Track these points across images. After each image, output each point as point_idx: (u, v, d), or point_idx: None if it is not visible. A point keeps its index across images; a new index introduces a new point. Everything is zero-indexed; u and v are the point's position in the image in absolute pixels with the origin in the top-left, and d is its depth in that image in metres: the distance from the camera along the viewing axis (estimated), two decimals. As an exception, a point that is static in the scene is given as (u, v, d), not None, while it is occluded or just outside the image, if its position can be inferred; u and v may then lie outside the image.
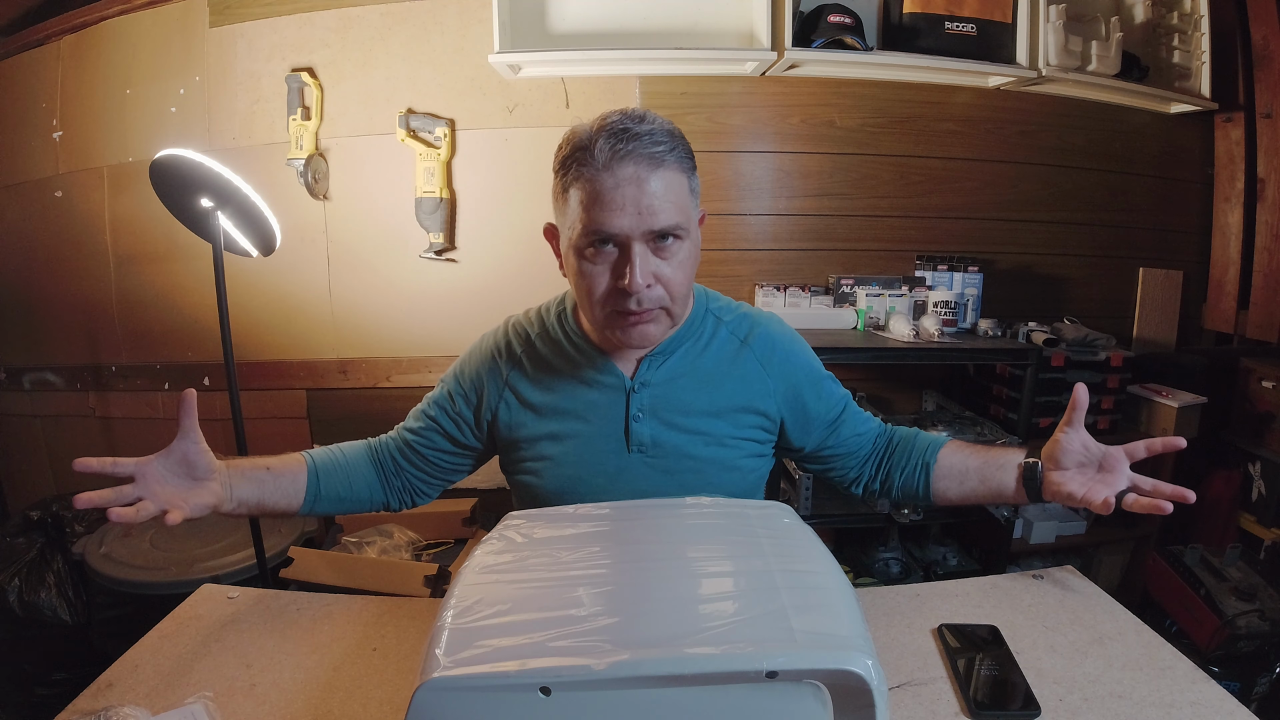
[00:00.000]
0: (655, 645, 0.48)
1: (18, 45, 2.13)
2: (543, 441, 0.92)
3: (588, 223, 0.77)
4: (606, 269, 0.80)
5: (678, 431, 0.90)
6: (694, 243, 0.84)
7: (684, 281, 0.82)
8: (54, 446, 2.30)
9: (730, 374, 0.92)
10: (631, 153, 0.76)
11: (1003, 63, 1.94)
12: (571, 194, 0.79)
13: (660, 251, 0.79)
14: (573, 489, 0.91)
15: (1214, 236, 2.32)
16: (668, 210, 0.77)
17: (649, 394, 0.90)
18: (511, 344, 0.95)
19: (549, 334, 0.94)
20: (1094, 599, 0.90)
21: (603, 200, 0.76)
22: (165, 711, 0.68)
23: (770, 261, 2.08)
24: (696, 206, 0.85)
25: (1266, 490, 1.97)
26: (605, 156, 0.76)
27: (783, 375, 0.94)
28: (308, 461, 0.92)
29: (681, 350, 0.91)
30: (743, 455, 0.93)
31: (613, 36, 1.89)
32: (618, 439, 0.90)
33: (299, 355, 2.12)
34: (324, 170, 2.01)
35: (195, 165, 1.44)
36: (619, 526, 0.67)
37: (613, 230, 0.77)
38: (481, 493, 1.99)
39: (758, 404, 0.93)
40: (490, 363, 0.95)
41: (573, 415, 0.91)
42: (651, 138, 0.77)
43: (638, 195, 0.76)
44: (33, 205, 2.18)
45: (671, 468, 0.90)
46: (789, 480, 1.82)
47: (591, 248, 0.79)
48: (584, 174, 0.77)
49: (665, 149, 0.78)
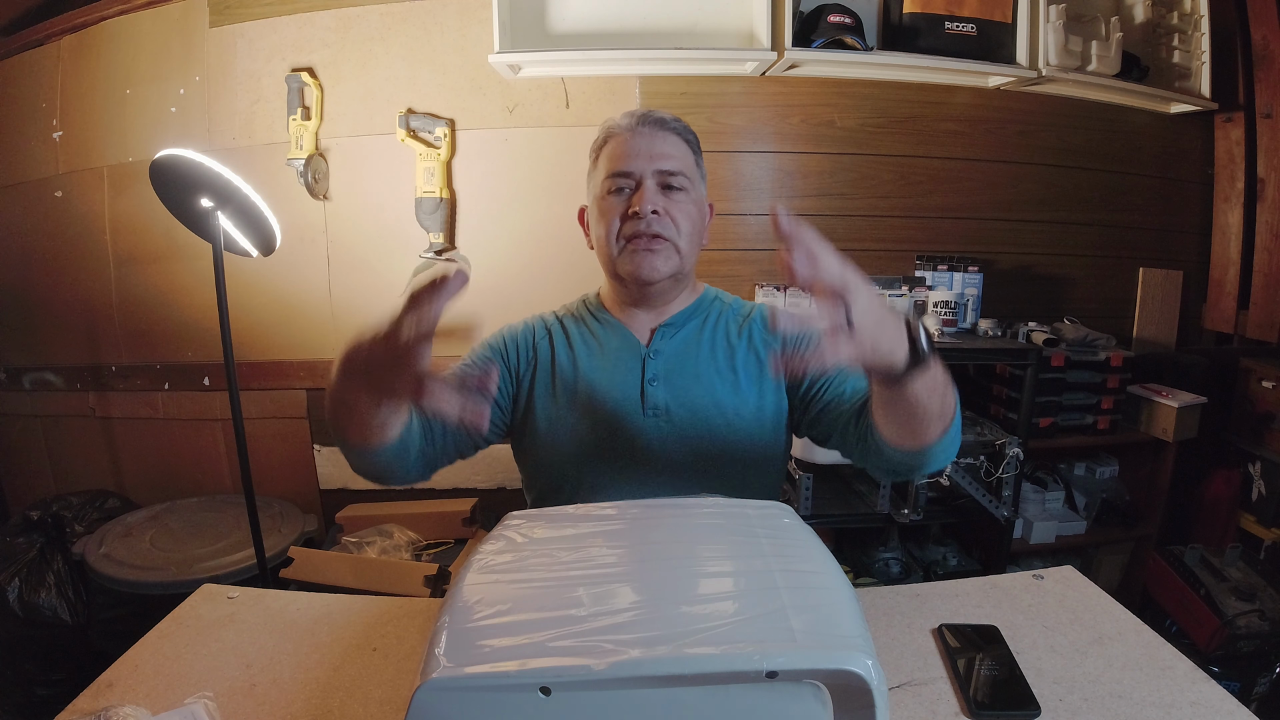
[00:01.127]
0: (655, 645, 0.48)
1: (18, 45, 2.14)
2: (562, 405, 0.96)
3: (610, 168, 0.95)
4: (623, 202, 0.94)
5: (690, 395, 0.95)
6: (697, 204, 0.98)
7: (688, 222, 0.95)
8: (54, 446, 2.30)
9: (739, 345, 1.00)
10: (647, 117, 0.97)
11: (1003, 63, 1.94)
12: (601, 156, 0.97)
13: (668, 195, 0.94)
14: (591, 453, 0.94)
15: (1214, 236, 2.32)
16: (674, 160, 0.95)
17: (663, 360, 0.97)
18: (544, 319, 1.05)
19: (574, 313, 1.06)
20: (1094, 599, 0.90)
21: (623, 149, 0.95)
22: (165, 711, 0.68)
23: (770, 261, 2.08)
24: (703, 183, 1.01)
25: (1266, 490, 1.97)
26: (628, 122, 0.97)
27: (780, 333, 0.92)
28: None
29: (692, 324, 1.01)
30: (755, 419, 0.96)
31: (613, 36, 1.89)
32: (634, 402, 0.95)
33: (299, 355, 2.12)
34: (324, 170, 2.01)
35: (195, 165, 1.44)
36: (619, 526, 0.67)
37: (628, 168, 0.93)
38: (481, 493, 1.99)
39: (766, 369, 0.99)
40: (521, 335, 1.02)
41: (591, 381, 0.97)
42: (664, 116, 0.97)
43: (650, 143, 0.94)
44: (33, 205, 2.18)
45: (686, 432, 0.94)
46: (789, 480, 1.82)
47: (612, 191, 0.95)
48: (611, 135, 0.97)
49: (674, 123, 0.98)
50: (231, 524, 1.94)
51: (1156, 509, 2.06)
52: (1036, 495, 2.03)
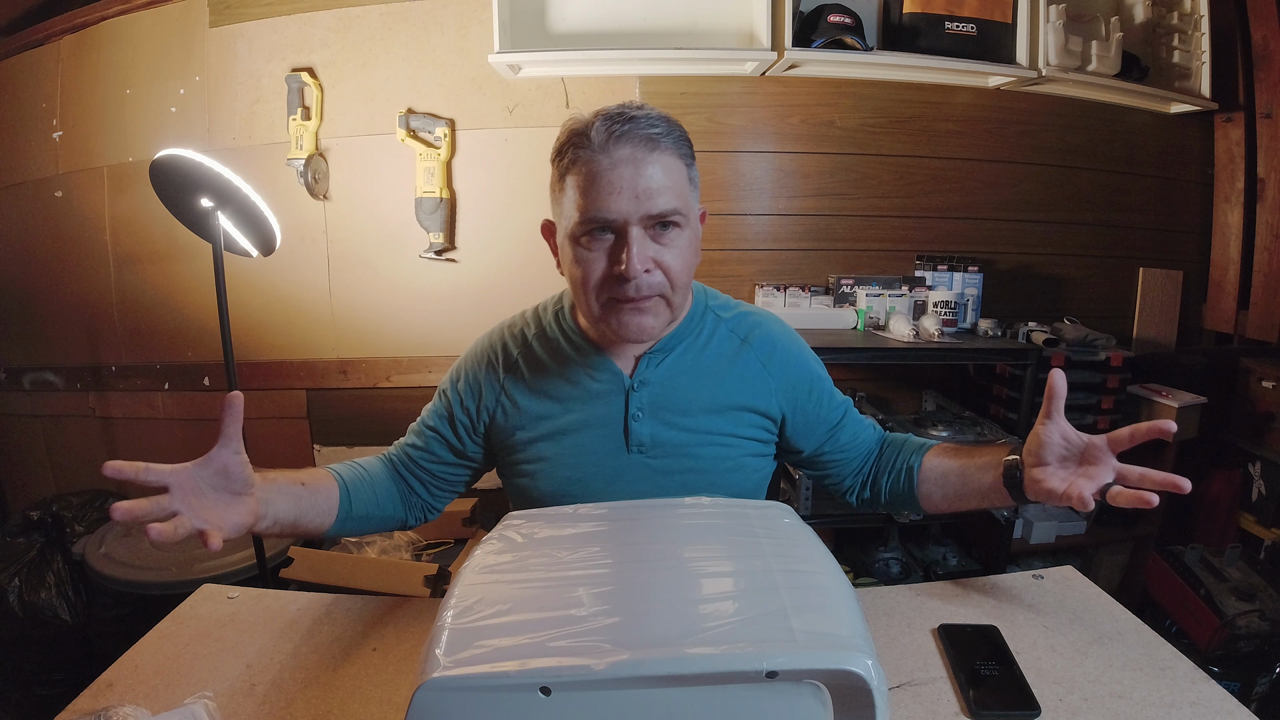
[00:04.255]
0: (655, 645, 0.48)
1: (18, 45, 2.14)
2: (540, 443, 0.90)
3: (585, 208, 0.77)
4: (603, 255, 0.78)
5: (677, 430, 0.89)
6: (694, 233, 0.83)
7: (683, 270, 0.81)
8: (54, 446, 2.31)
9: (730, 372, 0.91)
10: (628, 133, 0.76)
11: (1003, 63, 1.94)
12: (569, 181, 0.79)
13: (659, 238, 0.79)
14: (570, 491, 0.89)
15: (1214, 236, 2.32)
16: (665, 195, 0.77)
17: (648, 392, 0.89)
18: (508, 346, 0.94)
19: (546, 334, 0.93)
20: (1094, 599, 0.90)
21: (599, 183, 0.76)
22: (165, 711, 0.68)
23: (770, 261, 2.08)
24: (696, 198, 0.85)
25: (1266, 490, 1.97)
26: (601, 138, 0.76)
27: (783, 374, 0.93)
28: (336, 478, 0.88)
29: (681, 348, 0.90)
30: (744, 454, 0.92)
31: (613, 36, 1.89)
32: (617, 439, 0.89)
33: (299, 355, 2.12)
34: (324, 170, 2.01)
35: (195, 165, 1.44)
36: (619, 526, 0.67)
37: (610, 215, 0.76)
38: (481, 493, 1.98)
39: (758, 403, 0.91)
40: (486, 367, 0.93)
41: (570, 416, 0.89)
42: (648, 121, 0.77)
43: (634, 177, 0.75)
44: (33, 205, 2.18)
45: (671, 468, 0.89)
46: (789, 480, 1.82)
47: (588, 235, 0.78)
48: (580, 157, 0.77)
49: (661, 132, 0.78)
50: (231, 524, 1.94)
51: (1156, 509, 2.05)
52: (1036, 495, 2.03)
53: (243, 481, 0.71)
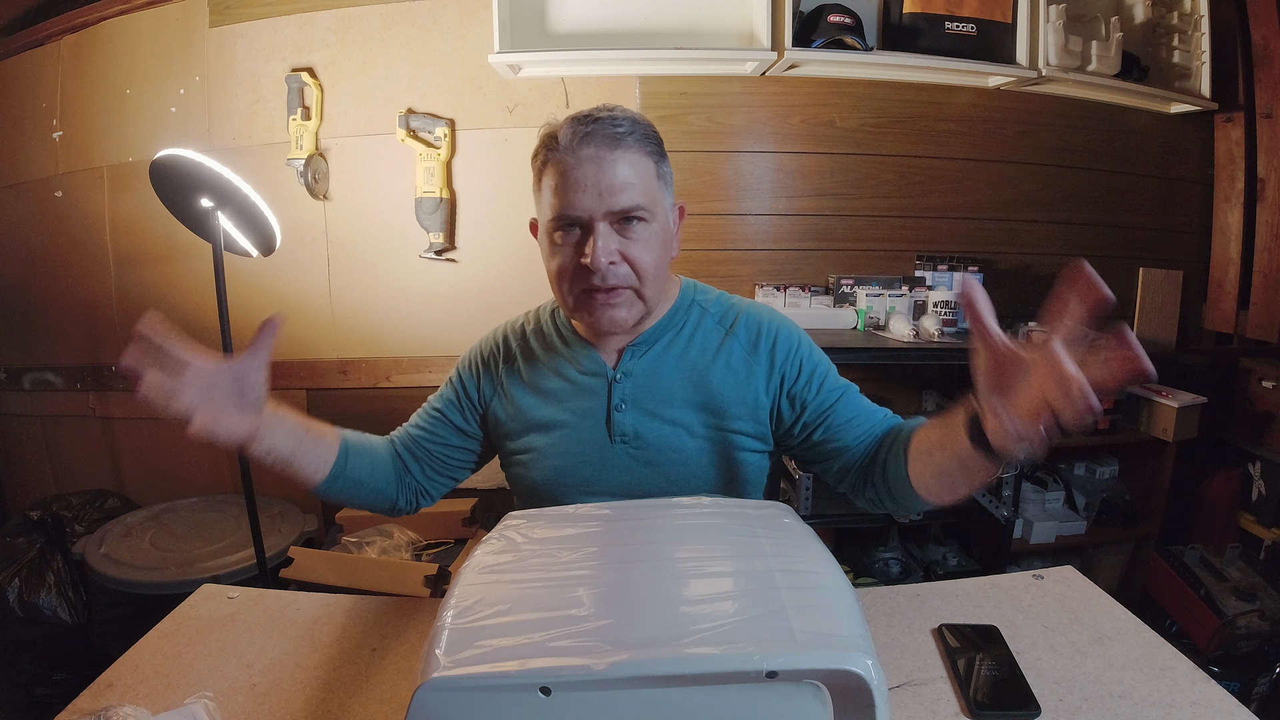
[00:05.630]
0: (655, 645, 0.48)
1: (18, 45, 2.13)
2: (531, 433, 0.93)
3: (556, 206, 0.81)
4: (572, 248, 0.83)
5: (660, 422, 0.89)
6: (663, 227, 0.86)
7: (652, 263, 0.84)
8: (54, 446, 2.30)
9: (715, 363, 0.91)
10: (592, 133, 0.80)
11: (1003, 63, 1.94)
12: (544, 181, 0.84)
13: (624, 232, 0.82)
14: (561, 480, 0.91)
15: (1214, 236, 2.32)
16: (629, 191, 0.80)
17: (631, 384, 0.90)
18: (508, 339, 0.99)
19: (541, 329, 0.98)
20: (1094, 599, 0.90)
21: (567, 181, 0.80)
22: (165, 711, 0.68)
23: (770, 261, 2.08)
24: (668, 194, 0.88)
25: (1266, 490, 1.97)
26: (569, 139, 0.80)
27: (769, 357, 0.91)
28: (339, 436, 0.91)
29: (664, 340, 0.92)
30: (732, 447, 0.91)
31: (612, 36, 1.89)
32: (600, 430, 0.90)
33: (299, 355, 2.12)
34: (324, 170, 2.01)
35: (195, 165, 1.44)
36: (619, 526, 0.67)
37: (576, 211, 0.80)
38: (481, 493, 1.99)
39: (745, 393, 0.90)
40: (489, 358, 0.98)
41: (558, 406, 0.92)
42: (613, 121, 0.81)
43: (597, 174, 0.79)
44: (33, 205, 2.18)
45: (655, 459, 0.89)
46: (789, 480, 1.82)
47: (560, 231, 0.83)
48: (551, 158, 0.82)
49: (625, 130, 0.81)
50: (231, 524, 1.94)
51: (1156, 509, 2.06)
52: (1036, 495, 2.03)
53: (255, 398, 0.75)
